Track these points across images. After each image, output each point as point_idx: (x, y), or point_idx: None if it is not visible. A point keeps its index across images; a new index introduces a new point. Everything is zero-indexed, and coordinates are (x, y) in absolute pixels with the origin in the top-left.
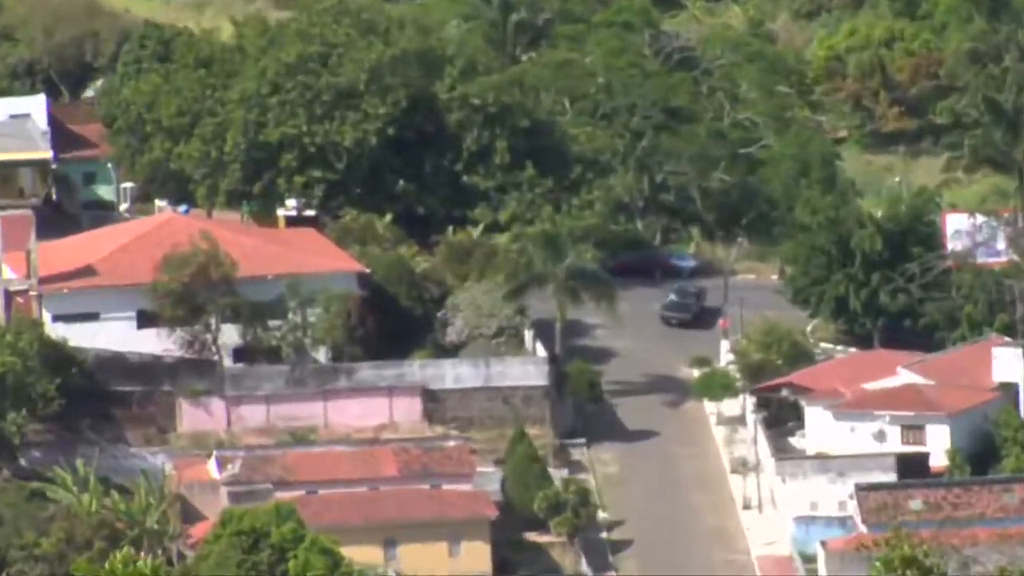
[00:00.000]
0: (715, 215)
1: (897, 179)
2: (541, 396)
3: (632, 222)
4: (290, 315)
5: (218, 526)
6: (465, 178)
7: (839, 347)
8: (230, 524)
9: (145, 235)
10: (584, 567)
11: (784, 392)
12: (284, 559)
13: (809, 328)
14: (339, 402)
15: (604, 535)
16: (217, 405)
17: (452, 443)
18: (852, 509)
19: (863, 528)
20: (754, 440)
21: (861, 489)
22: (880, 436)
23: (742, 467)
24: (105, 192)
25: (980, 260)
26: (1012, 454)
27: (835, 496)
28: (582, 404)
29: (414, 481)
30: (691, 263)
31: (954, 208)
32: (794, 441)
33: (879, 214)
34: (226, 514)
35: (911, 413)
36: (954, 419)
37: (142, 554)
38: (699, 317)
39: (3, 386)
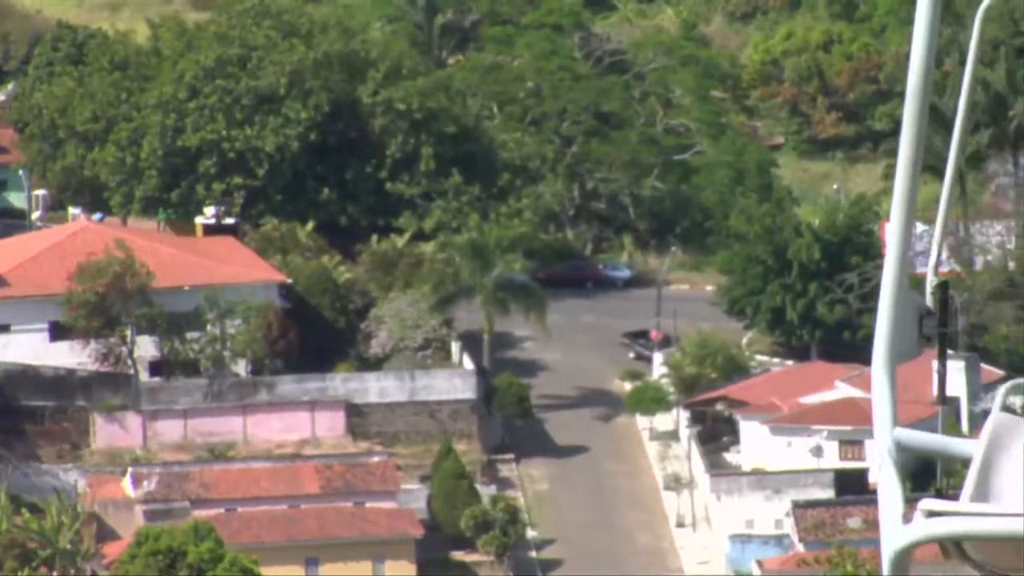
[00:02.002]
0: (648, 224)
1: (835, 187)
2: (468, 410)
3: (562, 231)
4: (208, 327)
5: (133, 545)
6: (389, 185)
7: (775, 360)
8: (146, 543)
9: (58, 244)
10: None
11: (719, 406)
12: None
13: (745, 340)
14: (259, 417)
15: (534, 554)
16: (133, 420)
17: (376, 459)
18: (789, 527)
19: (800, 547)
20: (688, 456)
21: (798, 506)
22: (818, 451)
23: (676, 483)
24: (16, 200)
25: (920, 270)
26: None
27: (771, 513)
28: (511, 419)
29: (337, 498)
30: (625, 273)
31: None
32: (729, 457)
33: (816, 223)
34: (142, 533)
35: (849, 428)
36: None
37: (55, 574)
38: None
39: None
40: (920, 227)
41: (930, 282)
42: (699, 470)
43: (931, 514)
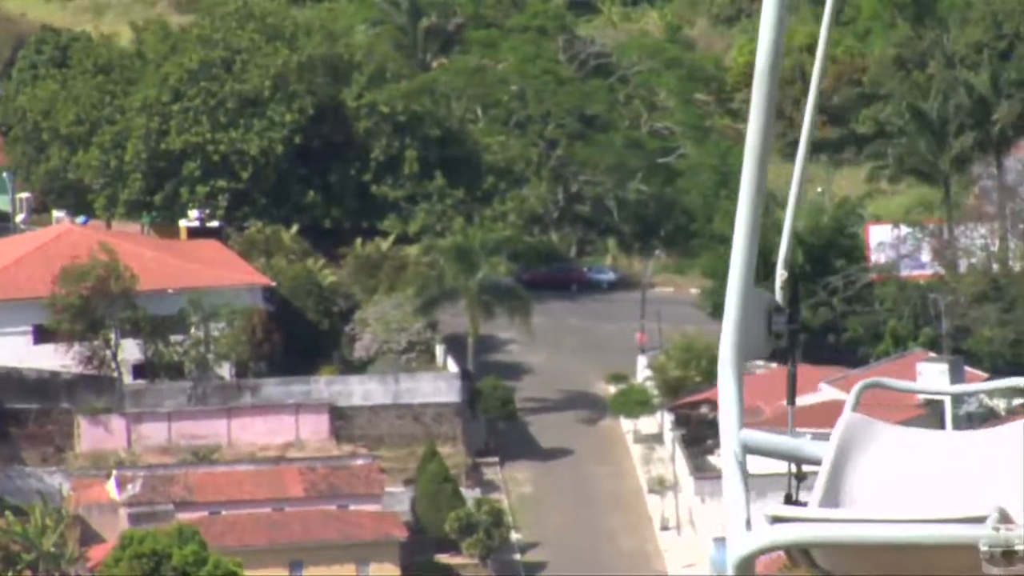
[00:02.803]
0: (632, 226)
1: (819, 190)
2: (453, 413)
3: (547, 234)
4: (192, 330)
5: (118, 549)
6: (374, 188)
7: (759, 362)
8: (130, 546)
9: (42, 247)
10: None
11: (703, 409)
12: None
13: None
14: (243, 420)
15: (518, 557)
16: (117, 423)
17: (360, 462)
18: None
19: None
20: (672, 458)
21: None
22: None
23: (660, 486)
24: (0, 203)
25: (904, 273)
26: None
27: (756, 516)
28: (495, 421)
29: (321, 501)
30: (610, 276)
31: (878, 219)
32: (713, 459)
33: (800, 226)
34: (126, 536)
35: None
36: None
37: None
38: None
39: None
40: (904, 230)
41: (779, 276)
42: (683, 473)
43: (776, 520)
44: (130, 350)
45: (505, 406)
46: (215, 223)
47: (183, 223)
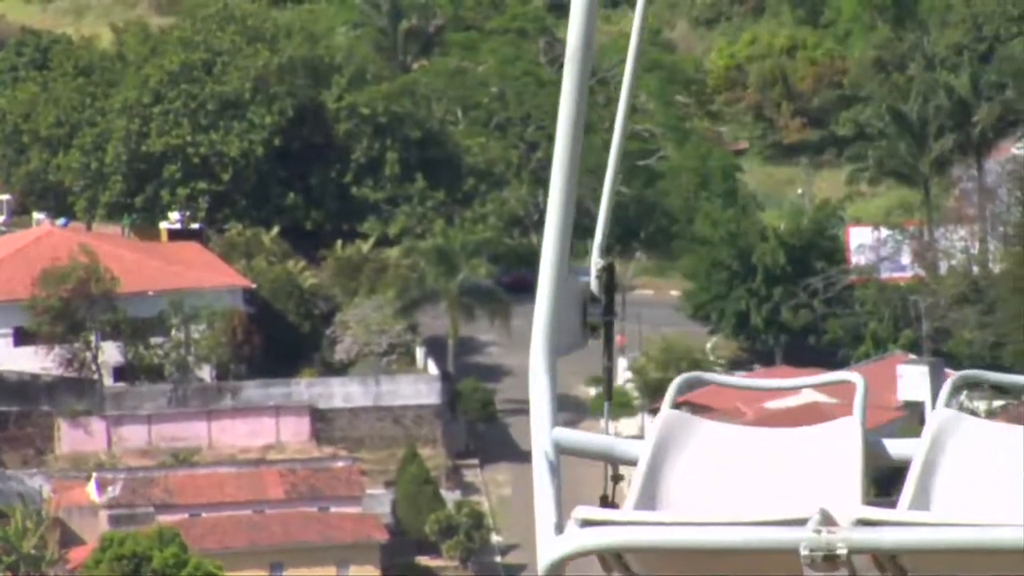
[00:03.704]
0: (612, 229)
1: (799, 192)
2: (433, 415)
3: (527, 236)
4: (173, 332)
5: (98, 551)
6: (354, 190)
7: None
8: (110, 549)
9: (22, 249)
10: None
11: (683, 410)
12: None
13: (709, 345)
14: (224, 422)
15: (498, 559)
16: (97, 425)
17: (341, 464)
18: None
19: None
20: None
21: None
22: None
23: None
24: None
25: (884, 275)
26: None
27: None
28: (475, 423)
29: (301, 503)
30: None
31: (858, 222)
32: None
33: (781, 228)
34: (106, 538)
35: None
36: None
37: None
38: None
39: None
40: (884, 232)
41: (594, 264)
42: None
43: (586, 523)
44: (110, 352)
45: (485, 408)
46: (195, 225)
47: (163, 225)
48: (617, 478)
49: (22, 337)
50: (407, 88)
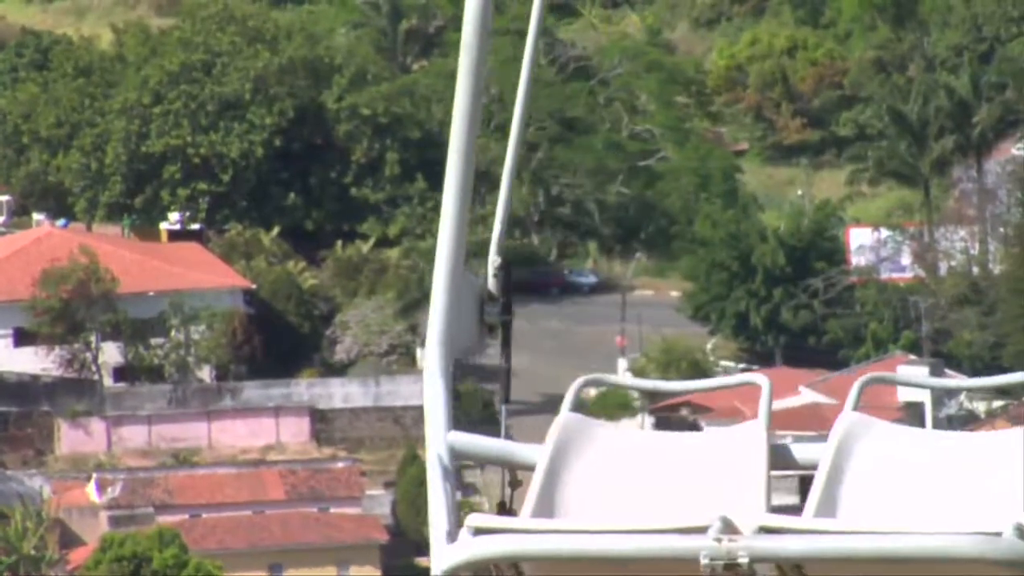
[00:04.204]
0: (613, 229)
1: (799, 192)
2: None
3: (527, 237)
4: (173, 333)
5: (98, 551)
6: (354, 191)
7: (740, 365)
8: (110, 549)
9: (22, 250)
10: None
11: (683, 412)
12: None
13: (709, 346)
14: (224, 422)
15: None
16: (97, 426)
17: (341, 465)
18: None
19: None
20: None
21: None
22: None
23: None
24: None
25: (885, 276)
26: None
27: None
28: (475, 424)
29: (301, 504)
30: (591, 279)
31: (858, 222)
32: None
33: (781, 228)
34: (106, 539)
35: (813, 433)
36: None
37: None
38: None
39: None
40: (884, 233)
41: (492, 262)
42: None
43: (479, 531)
44: (110, 353)
45: (485, 409)
46: (195, 226)
47: (163, 226)
48: (515, 484)
49: (22, 338)
50: (407, 89)
